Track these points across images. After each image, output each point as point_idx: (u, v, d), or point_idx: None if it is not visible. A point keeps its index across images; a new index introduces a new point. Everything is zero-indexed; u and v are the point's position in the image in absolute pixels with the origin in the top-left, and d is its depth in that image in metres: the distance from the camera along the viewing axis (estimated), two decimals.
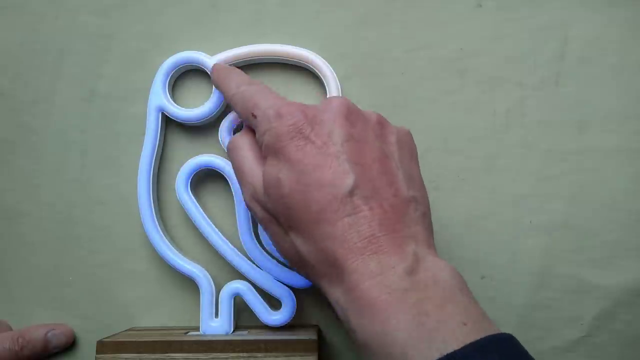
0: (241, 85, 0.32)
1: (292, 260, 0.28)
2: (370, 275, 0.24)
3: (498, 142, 0.38)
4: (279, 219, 0.28)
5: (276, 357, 0.32)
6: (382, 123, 0.29)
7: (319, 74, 0.37)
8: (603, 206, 0.38)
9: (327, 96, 0.37)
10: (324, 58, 0.37)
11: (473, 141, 0.38)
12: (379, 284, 0.24)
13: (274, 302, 0.36)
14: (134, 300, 0.38)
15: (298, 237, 0.27)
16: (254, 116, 0.30)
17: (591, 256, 0.37)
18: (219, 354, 0.32)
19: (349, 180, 0.26)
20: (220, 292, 0.36)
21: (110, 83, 0.38)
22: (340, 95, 0.37)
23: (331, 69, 0.37)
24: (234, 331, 0.36)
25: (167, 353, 0.32)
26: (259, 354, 0.32)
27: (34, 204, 0.38)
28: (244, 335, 0.34)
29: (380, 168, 0.27)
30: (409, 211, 0.27)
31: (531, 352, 0.35)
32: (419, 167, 0.30)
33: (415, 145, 0.31)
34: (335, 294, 0.26)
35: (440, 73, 0.38)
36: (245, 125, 0.32)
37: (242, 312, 0.37)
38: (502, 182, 0.38)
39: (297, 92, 0.38)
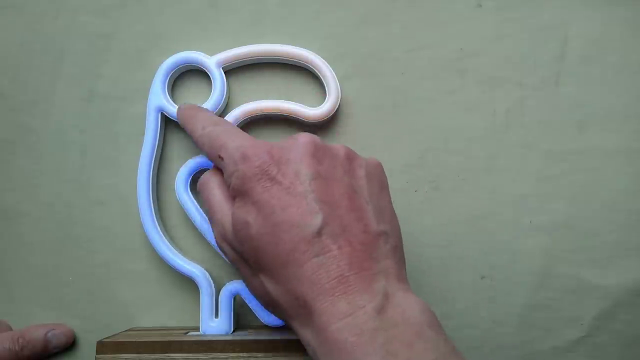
0: (207, 126, 0.32)
1: (264, 301, 0.28)
2: (339, 316, 0.24)
3: (498, 142, 0.38)
4: (248, 261, 0.28)
5: (276, 357, 0.32)
6: (350, 157, 0.29)
7: (319, 74, 0.37)
8: (603, 206, 0.38)
9: (327, 96, 0.37)
10: (324, 58, 0.37)
11: (473, 141, 0.38)
12: (348, 325, 0.24)
13: None
14: (133, 300, 0.38)
15: (267, 278, 0.27)
16: (221, 158, 0.29)
17: (591, 256, 0.37)
18: (219, 354, 0.32)
19: (316, 220, 0.26)
20: (220, 292, 0.36)
21: (110, 83, 0.38)
22: (339, 95, 0.37)
23: (331, 69, 0.37)
24: (234, 331, 0.35)
25: (166, 353, 0.32)
26: (259, 354, 0.32)
27: (34, 204, 0.38)
28: (244, 335, 0.34)
29: (348, 204, 0.27)
30: (379, 245, 0.26)
31: (531, 352, 0.35)
32: (389, 197, 0.30)
33: (385, 176, 0.30)
34: (306, 335, 0.26)
35: (440, 73, 0.38)
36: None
37: (242, 312, 0.37)
38: (502, 182, 0.38)
39: (297, 92, 0.38)
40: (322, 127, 0.38)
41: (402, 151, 0.38)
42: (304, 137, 0.28)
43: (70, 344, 0.37)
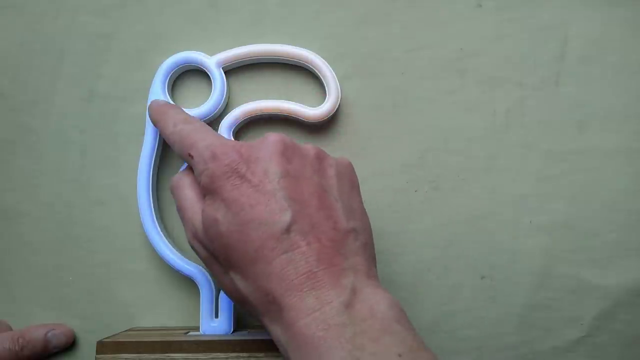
0: (178, 124, 0.32)
1: (235, 299, 0.28)
2: (307, 311, 0.24)
3: (498, 142, 0.38)
4: (218, 258, 0.28)
5: (276, 357, 0.32)
6: (320, 157, 0.29)
7: (319, 74, 0.37)
8: (603, 206, 0.38)
9: (327, 97, 0.37)
10: (324, 58, 0.37)
11: (473, 141, 0.38)
12: (316, 320, 0.24)
13: None
14: (133, 300, 0.38)
15: (237, 276, 0.27)
16: (191, 156, 0.30)
17: (591, 256, 0.37)
18: (218, 354, 0.32)
19: (285, 217, 0.26)
20: (220, 292, 0.36)
21: (110, 83, 0.38)
22: (339, 95, 0.37)
23: (331, 69, 0.37)
24: (234, 331, 0.35)
25: (167, 353, 0.32)
26: (259, 354, 0.32)
27: (34, 204, 0.38)
28: (244, 335, 0.34)
29: (318, 203, 0.27)
30: (349, 242, 0.27)
31: (531, 352, 0.35)
32: (360, 197, 0.30)
33: (355, 176, 0.31)
34: (276, 331, 0.26)
35: (440, 73, 0.38)
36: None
37: (242, 312, 0.37)
38: (502, 182, 0.38)
39: (297, 92, 0.38)
40: (322, 127, 0.38)
41: (402, 151, 0.38)
42: (273, 136, 0.29)
43: (70, 344, 0.37)
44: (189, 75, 0.38)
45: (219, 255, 0.27)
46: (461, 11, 0.38)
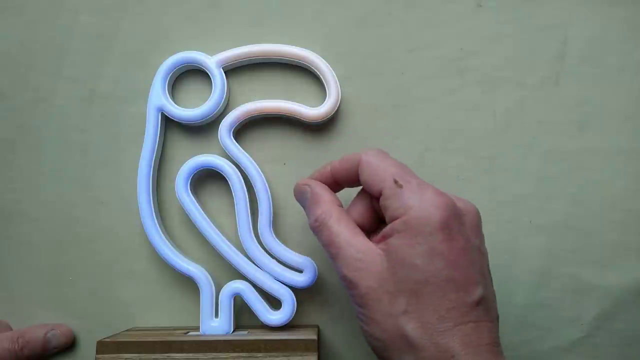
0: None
1: (385, 339, 0.28)
2: None
3: (498, 142, 0.38)
4: (395, 298, 0.28)
5: (276, 357, 0.32)
6: (480, 226, 0.31)
7: (319, 74, 0.37)
8: (603, 206, 0.38)
9: (327, 97, 0.37)
10: (324, 58, 0.37)
11: (473, 141, 0.38)
12: None
13: (274, 302, 0.36)
14: (134, 300, 0.38)
15: (413, 322, 0.28)
16: (399, 185, 0.30)
17: (591, 256, 0.37)
18: (219, 353, 0.32)
19: (479, 291, 0.28)
20: (220, 292, 0.36)
21: (110, 83, 0.38)
22: (339, 95, 0.37)
23: (331, 69, 0.37)
24: (234, 331, 0.36)
25: (167, 353, 0.32)
26: (259, 354, 0.32)
27: (34, 203, 0.38)
28: (244, 335, 0.34)
29: (490, 281, 0.30)
30: (498, 325, 0.30)
31: (531, 352, 0.35)
32: None
33: None
34: None
35: (440, 73, 0.38)
36: (314, 201, 0.32)
37: (242, 312, 0.37)
38: (502, 182, 0.38)
39: (297, 92, 0.38)
40: (322, 127, 0.38)
41: (402, 151, 0.38)
42: (474, 208, 0.30)
43: (70, 344, 0.37)
44: (190, 75, 0.38)
45: (401, 296, 0.28)
46: (461, 11, 0.38)
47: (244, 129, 0.38)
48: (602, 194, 0.38)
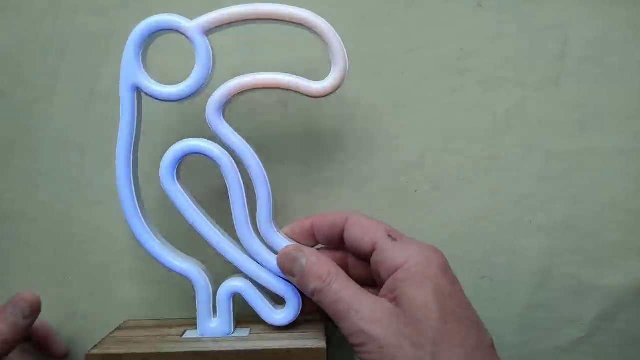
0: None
1: None
2: None
3: (498, 142, 0.38)
4: (419, 343, 0.28)
5: None
6: None
7: (323, 39, 0.32)
8: (603, 206, 0.38)
9: (332, 66, 0.32)
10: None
11: (473, 141, 0.38)
12: None
13: (277, 297, 0.35)
14: (132, 300, 0.38)
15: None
16: (393, 238, 0.31)
17: (591, 256, 0.37)
18: None
19: (489, 335, 0.29)
20: (218, 291, 0.34)
21: (110, 83, 0.38)
22: (347, 64, 0.33)
23: (336, 34, 0.32)
24: (234, 330, 0.34)
25: None
26: None
27: (33, 203, 0.38)
28: (245, 338, 0.33)
29: None
30: None
31: (531, 352, 0.35)
32: None
33: None
34: None
35: (440, 73, 0.38)
36: (315, 263, 0.32)
37: (242, 305, 0.35)
38: (502, 182, 0.38)
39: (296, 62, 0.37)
40: (322, 127, 0.38)
41: (402, 151, 0.38)
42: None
43: (37, 310, 0.34)
44: (169, 46, 0.35)
45: (420, 342, 0.28)
46: (461, 11, 0.38)
47: (237, 102, 0.34)
48: (602, 194, 0.38)
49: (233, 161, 0.33)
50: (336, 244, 0.34)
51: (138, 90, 0.32)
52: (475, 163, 0.38)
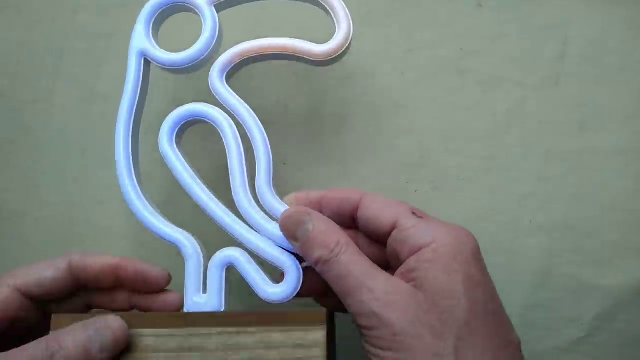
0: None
1: None
2: None
3: (498, 142, 0.38)
4: (442, 335, 0.25)
5: (272, 332, 0.26)
6: None
7: (325, 3, 0.32)
8: (603, 206, 0.38)
9: (336, 29, 0.32)
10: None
11: (473, 141, 0.38)
12: None
13: (277, 277, 0.31)
14: None
15: (469, 349, 0.25)
16: (418, 215, 0.28)
17: (591, 256, 0.37)
18: (198, 329, 0.27)
19: (515, 333, 0.27)
20: (210, 262, 0.30)
21: (110, 83, 0.38)
22: (351, 27, 0.32)
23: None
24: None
25: (134, 329, 0.27)
26: (251, 329, 0.27)
27: (34, 203, 0.38)
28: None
29: None
30: None
31: (531, 352, 0.35)
32: None
33: None
34: None
35: (440, 73, 0.38)
36: (322, 231, 0.28)
37: (239, 293, 0.33)
38: (502, 182, 0.38)
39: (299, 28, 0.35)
40: (322, 127, 0.38)
41: (402, 151, 0.38)
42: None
43: (124, 344, 0.27)
44: (178, 21, 0.34)
45: (444, 334, 0.25)
46: (461, 11, 0.38)
47: (239, 71, 0.33)
48: (602, 194, 0.38)
49: (233, 124, 0.32)
50: (345, 223, 0.30)
51: (145, 59, 0.32)
52: (475, 163, 0.38)
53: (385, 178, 0.38)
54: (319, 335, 0.26)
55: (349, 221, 0.30)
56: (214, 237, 0.32)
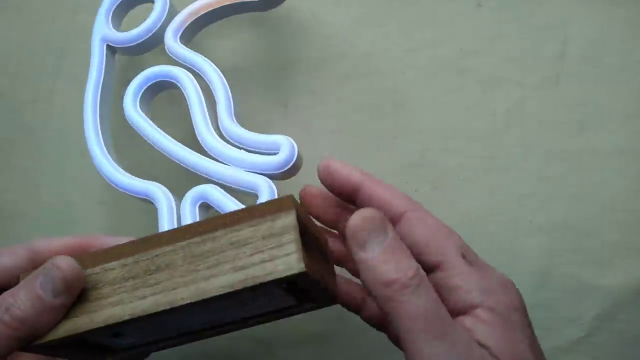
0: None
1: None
2: None
3: (498, 141, 0.38)
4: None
5: (241, 230, 0.24)
6: None
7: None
8: (603, 206, 0.38)
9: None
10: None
11: (473, 141, 0.38)
12: None
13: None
14: None
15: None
16: (468, 261, 0.26)
17: (591, 256, 0.37)
18: (164, 247, 0.25)
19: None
20: (182, 202, 0.30)
21: None
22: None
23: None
24: None
25: (101, 265, 0.25)
26: (218, 232, 0.24)
27: (34, 203, 0.38)
28: None
29: None
30: None
31: None
32: None
33: None
34: None
35: (440, 73, 0.38)
36: (401, 248, 0.24)
37: None
38: (502, 182, 0.38)
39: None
40: (322, 127, 0.38)
41: (402, 151, 0.38)
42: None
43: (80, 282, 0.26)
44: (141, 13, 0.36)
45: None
46: (461, 11, 0.38)
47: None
48: (602, 194, 0.38)
49: (191, 75, 0.33)
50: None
51: (108, 45, 0.34)
52: (475, 163, 0.38)
53: (385, 178, 0.38)
54: (288, 220, 0.23)
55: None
56: (185, 187, 0.31)
